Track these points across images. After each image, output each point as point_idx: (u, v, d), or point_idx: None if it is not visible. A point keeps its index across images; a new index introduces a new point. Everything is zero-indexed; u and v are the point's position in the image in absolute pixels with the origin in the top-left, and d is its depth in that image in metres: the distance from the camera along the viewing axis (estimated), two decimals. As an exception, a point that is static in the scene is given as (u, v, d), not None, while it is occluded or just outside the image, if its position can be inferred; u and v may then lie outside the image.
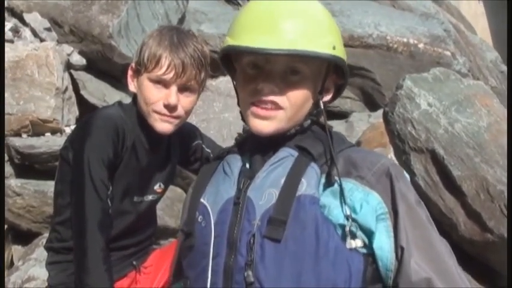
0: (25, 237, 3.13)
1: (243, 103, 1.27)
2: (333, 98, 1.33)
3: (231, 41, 1.24)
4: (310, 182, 1.16)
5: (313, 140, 1.25)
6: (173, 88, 1.75)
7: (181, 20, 4.68)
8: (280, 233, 1.13)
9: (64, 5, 4.02)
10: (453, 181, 2.54)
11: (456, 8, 8.11)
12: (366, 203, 1.15)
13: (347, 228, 1.14)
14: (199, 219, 1.25)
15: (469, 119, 2.63)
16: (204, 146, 2.11)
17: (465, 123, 2.62)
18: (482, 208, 2.47)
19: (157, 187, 1.95)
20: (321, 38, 1.21)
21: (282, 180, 1.17)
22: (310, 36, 1.19)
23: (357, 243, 1.14)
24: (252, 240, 1.15)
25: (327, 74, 1.26)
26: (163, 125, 1.78)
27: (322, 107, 1.27)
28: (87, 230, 1.69)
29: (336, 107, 4.62)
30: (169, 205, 3.37)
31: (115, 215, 1.79)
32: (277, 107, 1.21)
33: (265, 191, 1.18)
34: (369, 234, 1.15)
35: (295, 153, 1.21)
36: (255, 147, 1.29)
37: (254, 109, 1.23)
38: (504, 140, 2.56)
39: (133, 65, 1.82)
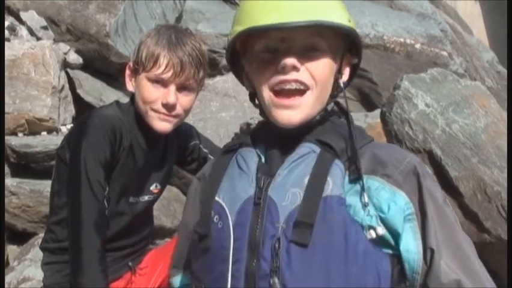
0: (21, 237, 3.11)
1: (263, 92, 1.18)
2: (349, 80, 1.27)
3: (240, 28, 1.16)
4: (336, 181, 1.09)
5: (334, 133, 1.18)
6: (172, 87, 1.74)
7: (178, 19, 4.68)
8: (308, 237, 1.06)
9: (60, 3, 4.01)
10: (450, 181, 2.53)
11: (453, 8, 8.14)
12: (393, 203, 1.09)
13: (365, 214, 1.08)
14: (214, 219, 1.16)
15: (466, 119, 2.63)
16: (201, 146, 2.11)
17: (462, 124, 2.61)
18: (479, 209, 2.46)
19: (154, 187, 1.94)
20: (335, 11, 1.15)
21: (306, 179, 1.10)
22: (325, 9, 1.14)
23: (378, 231, 1.07)
24: (277, 245, 1.07)
25: (343, 51, 1.21)
26: (162, 124, 1.77)
27: (342, 85, 1.21)
28: (83, 231, 1.68)
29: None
30: (165, 205, 3.36)
31: (111, 216, 1.78)
32: (302, 87, 1.14)
33: (288, 190, 1.10)
34: (396, 235, 1.09)
35: (318, 149, 1.14)
36: (272, 140, 1.21)
37: (277, 100, 1.15)
38: (501, 141, 2.55)
39: (131, 64, 1.81)
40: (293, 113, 1.15)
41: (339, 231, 1.06)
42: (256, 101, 1.27)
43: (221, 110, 4.08)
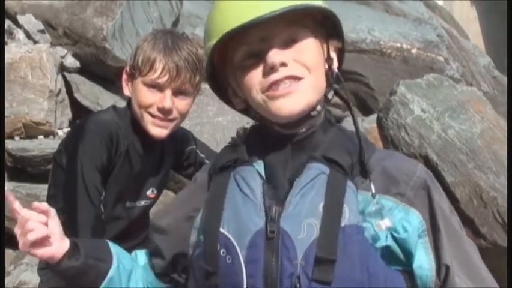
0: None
1: (256, 96, 1.10)
2: (339, 66, 1.20)
3: (215, 40, 1.09)
4: (352, 208, 1.03)
5: (339, 145, 1.13)
6: (168, 92, 1.74)
7: (176, 23, 4.68)
8: (330, 274, 1.00)
9: (58, 6, 4.01)
10: (446, 187, 2.54)
11: (449, 13, 8.17)
12: (407, 223, 1.06)
13: (372, 208, 1.06)
14: (221, 253, 1.06)
15: (462, 125, 2.65)
16: (197, 151, 2.11)
17: (458, 130, 2.63)
18: (475, 214, 2.48)
19: (150, 192, 1.94)
20: None
21: (320, 207, 1.03)
22: None
23: (381, 226, 1.05)
24: (298, 285, 1.00)
25: (326, 38, 1.15)
26: (156, 130, 1.77)
27: (336, 70, 1.15)
28: (79, 235, 1.67)
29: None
30: (162, 210, 3.36)
31: (107, 221, 1.78)
32: (296, 79, 1.08)
33: (303, 221, 1.03)
34: (408, 253, 1.07)
35: (327, 170, 1.06)
36: (270, 148, 1.14)
37: (272, 92, 1.07)
38: (497, 147, 2.57)
39: (128, 68, 1.82)
40: (292, 100, 1.08)
41: (360, 263, 1.02)
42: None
43: (218, 114, 4.08)
